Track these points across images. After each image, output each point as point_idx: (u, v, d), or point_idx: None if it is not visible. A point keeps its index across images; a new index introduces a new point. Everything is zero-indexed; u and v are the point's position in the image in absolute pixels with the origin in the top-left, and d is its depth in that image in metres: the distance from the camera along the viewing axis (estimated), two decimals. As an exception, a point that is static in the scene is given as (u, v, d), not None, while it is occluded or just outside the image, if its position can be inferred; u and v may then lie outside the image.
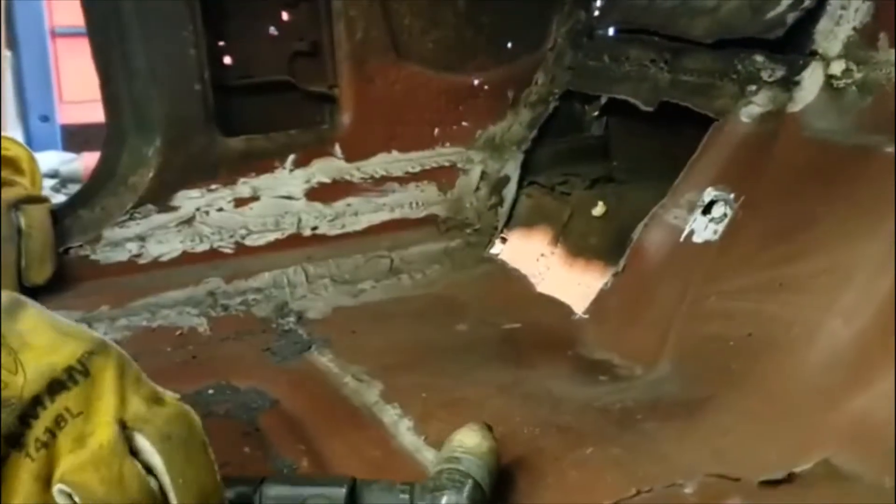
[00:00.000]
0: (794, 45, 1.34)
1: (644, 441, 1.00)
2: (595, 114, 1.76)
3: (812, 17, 1.32)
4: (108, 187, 1.51)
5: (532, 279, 1.56)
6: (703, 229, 1.30)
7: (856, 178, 1.12)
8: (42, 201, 1.43)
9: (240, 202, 1.58)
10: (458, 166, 1.76)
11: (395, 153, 1.70)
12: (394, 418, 1.11)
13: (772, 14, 1.37)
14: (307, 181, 1.63)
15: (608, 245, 1.48)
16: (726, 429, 0.99)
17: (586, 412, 1.08)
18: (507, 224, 1.69)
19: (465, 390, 1.16)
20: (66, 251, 1.45)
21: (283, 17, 1.63)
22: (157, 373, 0.76)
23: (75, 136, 4.19)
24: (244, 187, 1.58)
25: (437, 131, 1.74)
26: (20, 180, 1.46)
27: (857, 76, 1.26)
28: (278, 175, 1.61)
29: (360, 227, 1.67)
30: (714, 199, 1.30)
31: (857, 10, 1.28)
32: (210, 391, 1.22)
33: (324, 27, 1.64)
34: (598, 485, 0.91)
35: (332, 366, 1.28)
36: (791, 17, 1.34)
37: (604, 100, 1.69)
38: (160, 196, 1.51)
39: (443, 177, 1.74)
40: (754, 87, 1.36)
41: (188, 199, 1.54)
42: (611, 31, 1.74)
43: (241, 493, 0.86)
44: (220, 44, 1.57)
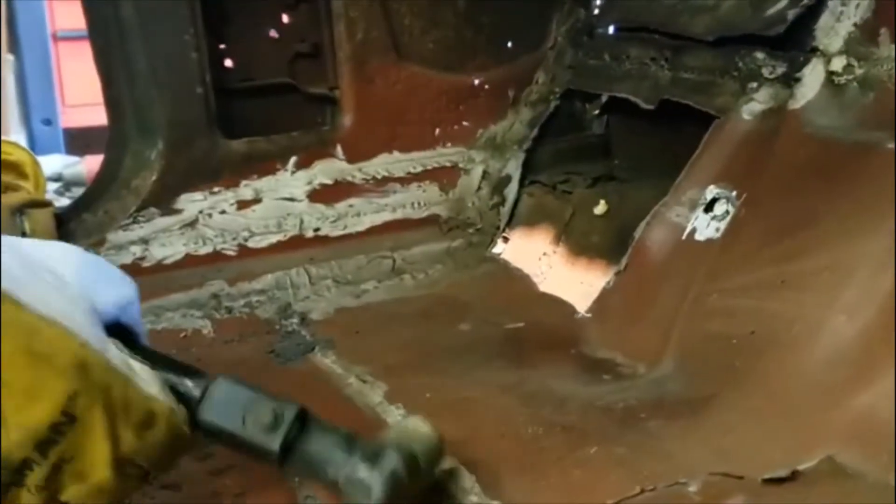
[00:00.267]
0: (794, 41, 1.34)
1: (647, 440, 1.00)
2: (596, 112, 1.76)
3: (812, 13, 1.32)
4: (111, 191, 1.51)
5: (534, 278, 1.56)
6: (706, 227, 1.30)
7: (857, 175, 1.12)
8: (45, 205, 1.43)
9: (242, 204, 1.58)
10: (460, 166, 1.76)
11: (396, 154, 1.70)
12: (398, 419, 1.11)
13: (772, 11, 1.37)
14: (309, 183, 1.63)
15: (610, 243, 1.48)
16: (729, 427, 0.99)
17: (589, 411, 1.08)
18: (509, 223, 1.69)
19: (469, 390, 1.16)
20: (70, 255, 1.45)
21: (284, 19, 1.63)
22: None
23: (78, 140, 4.20)
24: (246, 189, 1.58)
25: (438, 131, 1.74)
26: (23, 185, 1.46)
27: (858, 72, 1.25)
28: (280, 177, 1.61)
29: (362, 227, 1.67)
30: (716, 196, 1.30)
31: (858, 6, 1.28)
32: (214, 393, 1.23)
33: (324, 28, 1.64)
34: (602, 484, 0.91)
35: (336, 367, 1.28)
36: (791, 14, 1.33)
37: (605, 98, 1.69)
38: (163, 199, 1.52)
39: (444, 177, 1.74)
40: (755, 85, 1.36)
41: (191, 202, 1.54)
42: (611, 30, 1.74)
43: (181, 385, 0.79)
44: (221, 47, 1.57)
